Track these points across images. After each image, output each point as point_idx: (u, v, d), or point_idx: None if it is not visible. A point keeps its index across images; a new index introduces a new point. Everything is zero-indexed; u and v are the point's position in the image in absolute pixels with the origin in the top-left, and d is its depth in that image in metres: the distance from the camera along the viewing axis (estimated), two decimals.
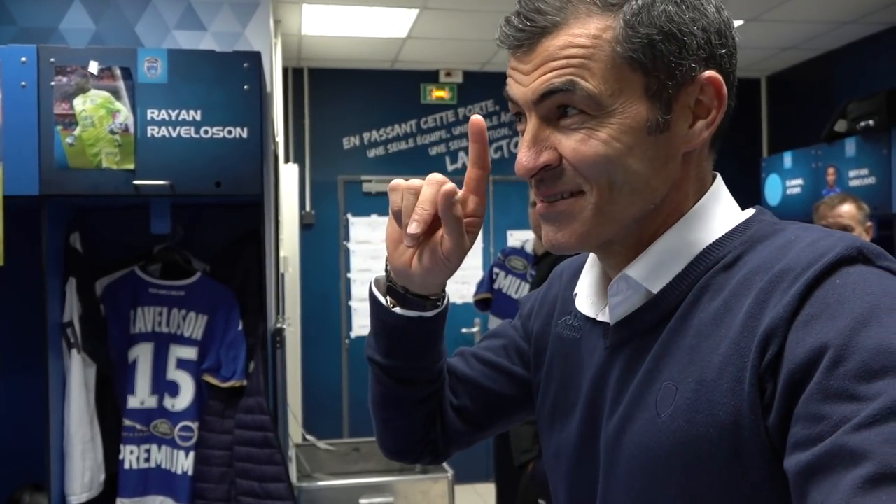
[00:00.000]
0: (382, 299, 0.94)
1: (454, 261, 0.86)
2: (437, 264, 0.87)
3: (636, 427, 0.77)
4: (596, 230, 0.79)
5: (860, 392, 0.59)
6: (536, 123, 0.78)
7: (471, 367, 1.06)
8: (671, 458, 0.72)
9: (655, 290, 0.79)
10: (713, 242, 0.79)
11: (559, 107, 0.76)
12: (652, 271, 0.80)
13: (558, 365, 0.95)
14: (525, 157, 0.78)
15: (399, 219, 0.87)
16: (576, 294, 0.93)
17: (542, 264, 2.59)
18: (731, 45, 0.79)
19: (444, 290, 0.94)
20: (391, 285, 0.94)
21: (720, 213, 0.81)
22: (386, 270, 0.95)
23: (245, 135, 2.26)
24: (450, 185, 0.83)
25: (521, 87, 0.78)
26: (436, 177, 0.85)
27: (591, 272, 0.91)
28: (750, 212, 0.83)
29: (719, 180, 0.84)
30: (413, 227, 0.83)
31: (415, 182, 0.85)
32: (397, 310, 0.93)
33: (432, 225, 0.85)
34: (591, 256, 0.92)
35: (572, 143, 0.76)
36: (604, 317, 0.86)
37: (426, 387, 1.00)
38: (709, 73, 0.76)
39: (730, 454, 0.68)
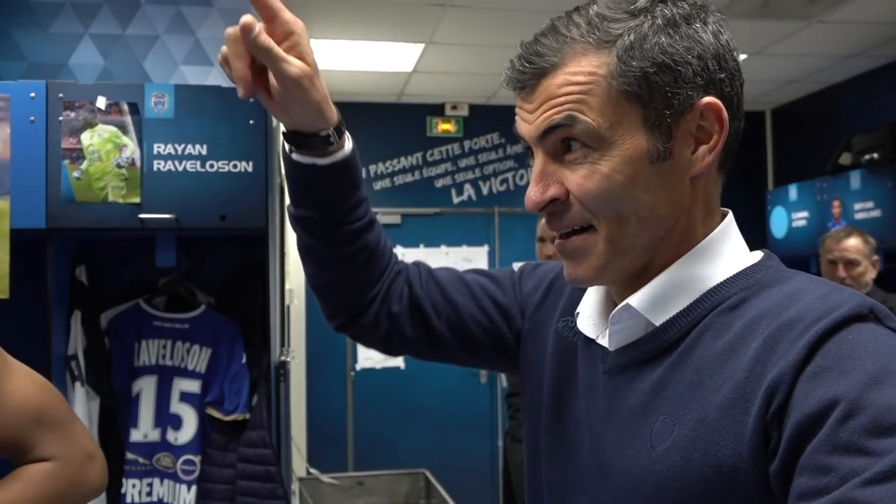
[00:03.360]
0: (286, 145, 0.96)
1: (290, 85, 0.85)
2: (282, 93, 0.86)
3: (628, 456, 0.77)
4: (611, 262, 0.81)
5: (870, 447, 0.60)
6: (543, 159, 0.81)
7: (464, 299, 1.07)
8: (661, 492, 0.73)
9: (658, 322, 0.80)
10: (720, 283, 0.80)
11: (563, 141, 0.79)
12: (655, 303, 0.81)
13: (554, 365, 0.95)
14: (533, 191, 0.81)
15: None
16: (577, 313, 0.93)
17: None
18: (733, 67, 0.80)
19: (335, 131, 0.94)
20: (286, 131, 0.95)
21: (729, 252, 0.82)
22: None
23: (250, 169, 2.28)
24: (241, 22, 0.82)
25: (526, 124, 0.82)
26: (229, 31, 0.84)
27: (595, 293, 0.92)
28: (758, 255, 0.84)
29: (730, 218, 0.85)
30: (240, 90, 0.85)
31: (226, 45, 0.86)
32: (294, 155, 0.95)
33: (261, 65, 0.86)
34: None
35: (577, 179, 0.78)
36: (603, 340, 0.86)
37: (339, 246, 1.01)
38: (707, 98, 0.78)
39: (721, 495, 0.68)
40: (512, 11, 4.03)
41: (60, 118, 2.22)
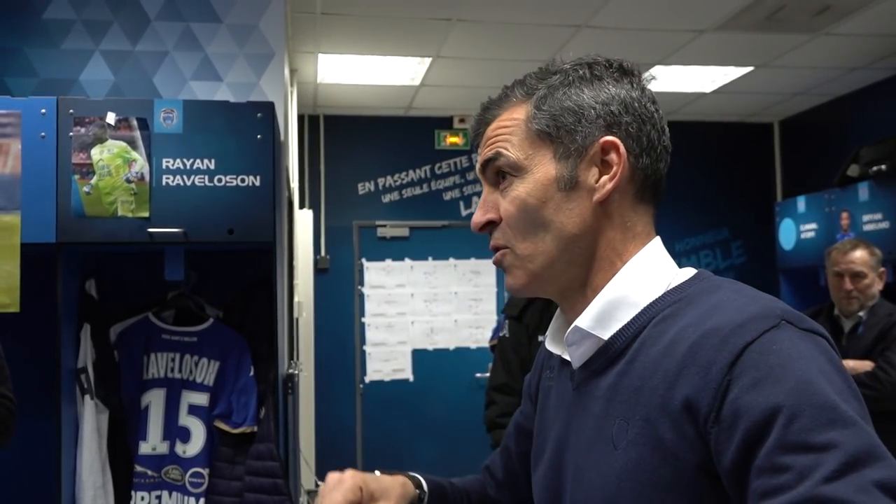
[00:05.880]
0: None
1: None
2: None
3: (596, 458, 0.89)
4: (536, 276, 0.96)
5: (815, 443, 0.70)
6: (487, 189, 1.00)
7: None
8: (622, 483, 0.84)
9: (605, 336, 0.92)
10: (656, 298, 0.92)
11: (497, 174, 0.97)
12: (599, 320, 0.93)
13: (540, 410, 1.09)
14: (476, 215, 1.00)
15: None
16: (545, 337, 1.06)
17: (530, 309, 2.62)
18: (642, 113, 0.95)
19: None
20: None
21: (658, 269, 0.95)
22: None
23: (258, 183, 2.30)
24: None
25: (478, 164, 1.02)
26: None
27: (557, 319, 1.05)
28: (691, 272, 0.96)
29: (657, 241, 0.97)
30: None
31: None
32: None
33: None
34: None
35: (504, 204, 0.97)
36: (567, 356, 0.98)
37: None
38: (607, 137, 0.93)
39: (669, 481, 0.80)
40: (518, 25, 4.05)
41: (71, 134, 2.24)
